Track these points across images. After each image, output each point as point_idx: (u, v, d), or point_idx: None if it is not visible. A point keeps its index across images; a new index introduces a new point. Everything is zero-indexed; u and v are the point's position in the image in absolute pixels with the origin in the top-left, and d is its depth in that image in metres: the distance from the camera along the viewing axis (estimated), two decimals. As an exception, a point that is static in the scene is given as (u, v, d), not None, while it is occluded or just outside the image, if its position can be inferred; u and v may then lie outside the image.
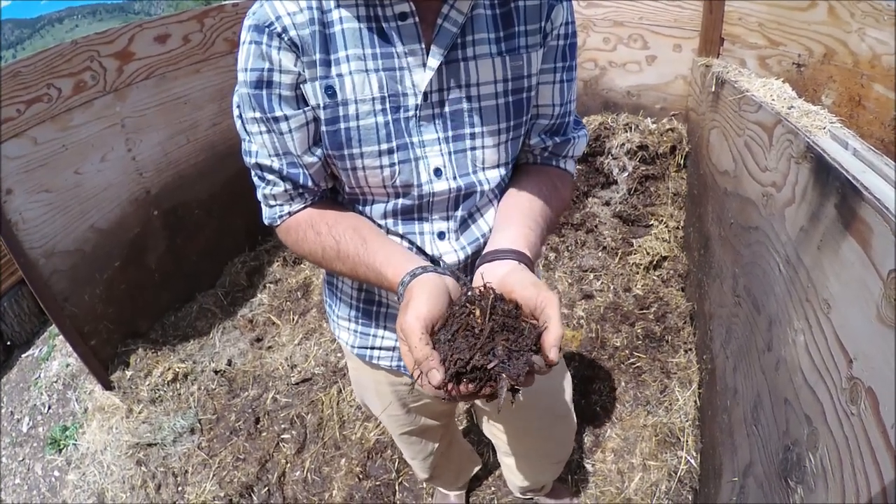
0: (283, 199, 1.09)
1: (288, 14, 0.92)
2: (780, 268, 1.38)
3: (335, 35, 0.94)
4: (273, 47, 0.93)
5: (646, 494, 2.17)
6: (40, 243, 2.53)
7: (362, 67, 0.95)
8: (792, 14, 2.48)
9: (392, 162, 1.02)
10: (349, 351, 1.38)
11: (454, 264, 1.12)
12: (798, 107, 1.59)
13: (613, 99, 3.44)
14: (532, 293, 0.83)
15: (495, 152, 1.08)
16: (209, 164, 3.38)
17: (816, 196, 1.19)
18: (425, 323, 0.80)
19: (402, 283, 0.91)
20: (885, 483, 0.79)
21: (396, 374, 1.40)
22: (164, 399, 2.82)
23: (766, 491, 1.30)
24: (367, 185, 1.06)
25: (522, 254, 0.96)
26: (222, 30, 3.26)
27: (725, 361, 1.93)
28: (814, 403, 1.06)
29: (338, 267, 1.05)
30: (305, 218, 1.09)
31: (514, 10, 1.00)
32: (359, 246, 1.01)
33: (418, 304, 0.82)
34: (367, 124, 0.98)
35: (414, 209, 1.09)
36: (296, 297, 3.40)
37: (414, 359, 0.78)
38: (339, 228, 1.05)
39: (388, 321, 1.27)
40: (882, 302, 0.84)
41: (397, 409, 1.54)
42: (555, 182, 1.18)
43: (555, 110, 1.14)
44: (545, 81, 1.09)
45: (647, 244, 3.11)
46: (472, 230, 1.14)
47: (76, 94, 2.61)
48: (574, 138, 1.20)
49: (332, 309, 1.37)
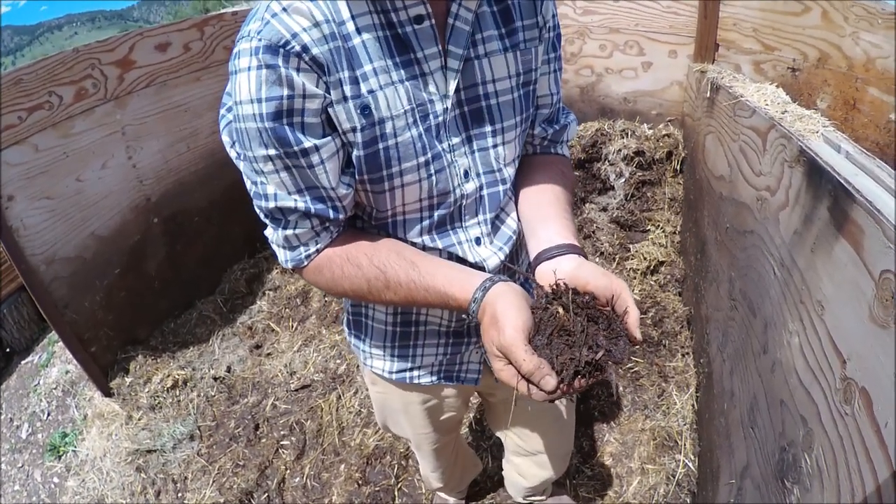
0: (307, 237, 1.00)
1: (304, 30, 0.82)
2: (775, 271, 1.39)
3: (356, 48, 0.87)
4: (292, 69, 0.82)
5: (644, 498, 2.18)
6: (41, 250, 2.54)
7: (389, 80, 0.89)
8: (786, 19, 2.50)
9: (430, 173, 0.98)
10: (383, 377, 1.35)
11: (496, 267, 1.11)
12: (792, 111, 1.60)
13: (610, 105, 3.46)
14: (605, 282, 0.87)
15: (513, 147, 1.09)
16: (209, 172, 3.39)
17: (809, 199, 1.20)
18: (525, 334, 0.81)
19: (474, 301, 0.89)
20: (880, 481, 0.79)
21: (429, 391, 1.40)
22: (164, 406, 2.82)
23: (764, 492, 1.30)
24: (402, 204, 1.01)
25: (576, 246, 0.98)
26: (222, 38, 3.28)
27: (722, 364, 1.94)
28: (809, 404, 1.07)
29: (388, 297, 0.99)
30: (338, 253, 1.01)
31: (512, 7, 1.00)
32: (409, 271, 0.96)
33: (511, 317, 0.83)
34: (404, 140, 0.93)
35: (447, 219, 1.07)
36: (295, 304, 3.40)
37: (524, 371, 0.79)
38: (380, 257, 0.98)
39: (427, 338, 1.25)
40: (875, 302, 0.85)
41: (426, 426, 1.54)
42: (561, 168, 1.20)
43: (552, 99, 1.17)
44: (544, 73, 1.11)
45: (644, 249, 3.13)
46: (503, 230, 1.14)
47: (77, 102, 2.63)
48: (567, 123, 1.23)
49: (361, 341, 1.32)
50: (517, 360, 0.79)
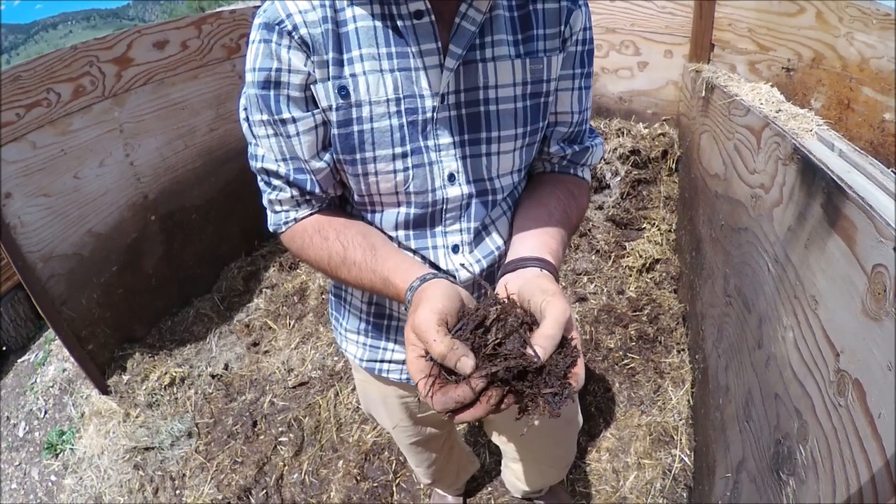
0: (289, 205, 1.05)
1: (299, 12, 0.89)
2: (769, 267, 1.41)
3: (349, 34, 0.91)
4: (283, 46, 0.89)
5: (641, 493, 2.19)
6: (38, 247, 2.54)
7: (376, 67, 0.92)
8: (781, 19, 2.52)
9: (406, 166, 0.98)
10: (357, 364, 1.35)
11: (469, 279, 1.08)
12: (786, 110, 1.62)
13: (606, 104, 3.48)
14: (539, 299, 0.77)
15: (510, 158, 1.05)
16: (206, 170, 3.40)
17: (803, 196, 1.22)
18: (440, 317, 0.75)
19: (410, 289, 0.86)
20: (874, 471, 0.81)
21: (405, 388, 1.39)
22: (162, 403, 2.83)
23: (759, 485, 1.32)
24: (378, 193, 1.02)
25: (544, 260, 0.93)
26: (220, 36, 3.28)
27: (717, 360, 1.95)
28: (803, 397, 1.09)
29: (343, 274, 1.00)
30: (312, 223, 1.05)
31: (533, 13, 0.97)
32: (367, 252, 0.97)
33: (432, 300, 0.78)
34: (381, 127, 0.95)
35: (426, 218, 1.05)
36: (292, 302, 3.41)
37: (436, 352, 0.71)
38: (347, 234, 1.01)
39: (398, 335, 1.24)
40: (867, 296, 0.87)
41: (405, 420, 1.52)
42: (571, 189, 1.14)
43: (574, 117, 1.11)
44: (564, 88, 1.07)
45: (639, 247, 3.15)
46: (487, 243, 1.10)
47: (75, 99, 2.63)
48: (592, 146, 1.17)
49: (339, 322, 1.34)
50: (429, 341, 0.72)
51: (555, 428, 1.59)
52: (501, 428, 1.67)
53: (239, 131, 3.60)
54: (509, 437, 1.71)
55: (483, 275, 1.10)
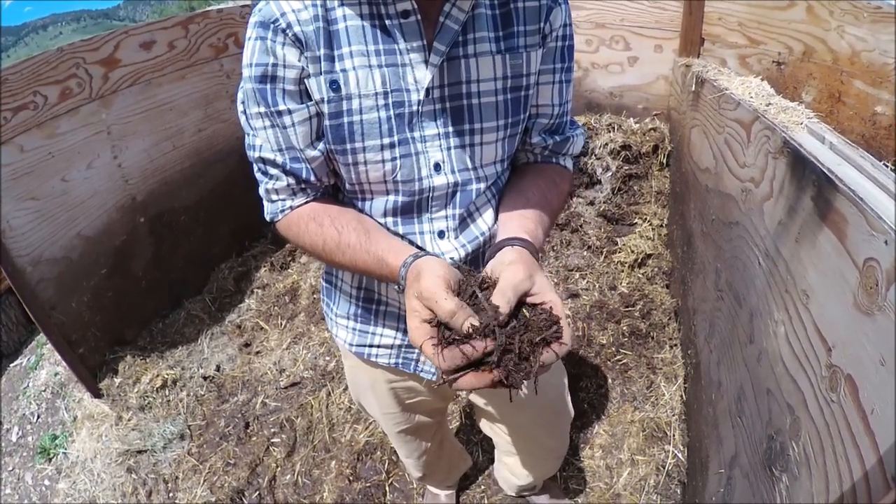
0: (285, 193, 1.10)
1: (293, 11, 0.94)
2: (760, 261, 1.41)
3: (339, 32, 0.97)
4: (277, 43, 0.95)
5: (634, 489, 2.19)
6: (27, 251, 2.51)
7: (365, 63, 0.97)
8: (772, 13, 2.52)
9: (393, 156, 1.04)
10: (346, 349, 1.39)
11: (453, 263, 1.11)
12: (776, 103, 1.61)
13: (596, 100, 3.47)
14: (499, 270, 0.86)
15: (493, 148, 1.10)
16: (195, 171, 3.37)
17: (793, 190, 1.21)
18: (447, 282, 0.82)
19: (404, 265, 0.93)
20: (867, 467, 0.80)
21: (394, 372, 1.41)
22: (154, 406, 2.81)
23: (752, 481, 1.31)
24: (367, 181, 1.07)
25: (518, 237, 0.98)
26: (207, 36, 3.26)
27: (709, 355, 1.95)
28: (795, 392, 1.08)
29: (338, 258, 1.05)
30: (308, 211, 1.10)
31: (514, 11, 1.03)
32: (361, 236, 1.02)
33: (435, 268, 0.85)
34: (369, 119, 1.00)
35: (413, 206, 1.11)
36: (283, 302, 3.39)
37: (444, 312, 0.77)
38: (341, 220, 1.06)
39: (387, 319, 1.28)
40: (859, 290, 0.86)
41: (393, 407, 1.54)
42: (552, 177, 1.21)
43: (554, 110, 1.17)
44: (545, 82, 1.12)
45: (631, 242, 3.15)
46: (472, 229, 1.16)
47: (62, 102, 2.60)
48: (573, 136, 1.23)
49: (329, 308, 1.38)
50: (438, 301, 0.78)
51: (545, 419, 1.62)
52: (494, 417, 1.67)
53: (227, 132, 3.58)
54: (502, 426, 1.71)
55: (468, 259, 1.16)
